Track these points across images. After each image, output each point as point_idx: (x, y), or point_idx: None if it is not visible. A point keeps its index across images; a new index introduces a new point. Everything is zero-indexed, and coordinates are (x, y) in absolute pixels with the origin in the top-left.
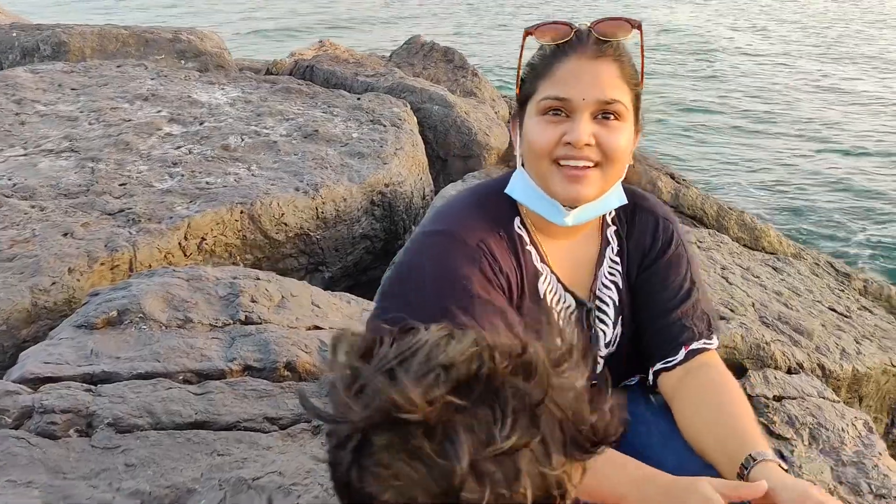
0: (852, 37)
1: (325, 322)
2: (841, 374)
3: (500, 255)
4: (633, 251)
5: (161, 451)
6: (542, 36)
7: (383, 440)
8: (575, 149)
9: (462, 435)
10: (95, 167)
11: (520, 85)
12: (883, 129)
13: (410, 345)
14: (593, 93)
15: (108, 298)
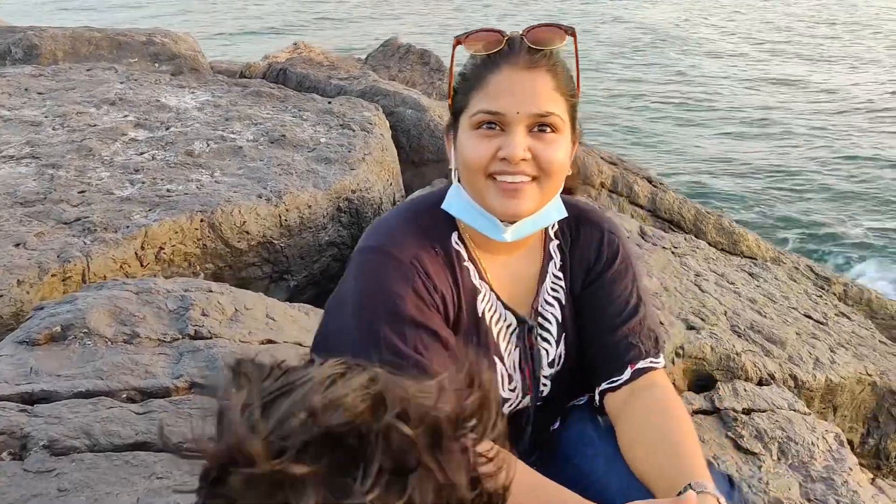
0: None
1: (280, 336)
2: (814, 385)
3: (434, 272)
4: (577, 266)
5: (97, 474)
6: (472, 45)
7: (235, 481)
8: (510, 164)
9: (310, 490)
10: (55, 174)
11: (452, 96)
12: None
13: (292, 381)
14: (527, 106)
15: (52, 313)
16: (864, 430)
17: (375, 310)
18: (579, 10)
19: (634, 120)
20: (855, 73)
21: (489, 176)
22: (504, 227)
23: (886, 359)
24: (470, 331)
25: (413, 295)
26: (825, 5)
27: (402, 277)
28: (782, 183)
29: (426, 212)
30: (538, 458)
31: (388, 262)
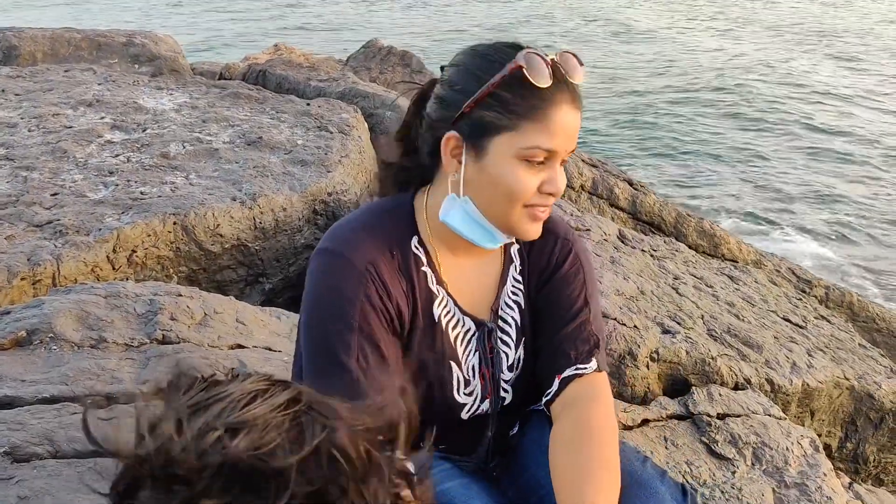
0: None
1: (250, 340)
2: (791, 390)
3: (389, 278)
4: (533, 269)
5: (58, 482)
6: (534, 75)
7: (145, 494)
8: (551, 197)
9: None
10: (28, 176)
11: (474, 106)
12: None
13: (211, 395)
14: (572, 144)
15: (17, 318)
16: (842, 434)
17: (323, 315)
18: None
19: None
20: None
21: (525, 206)
22: (501, 237)
23: (865, 362)
24: (426, 335)
25: (364, 302)
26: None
27: (356, 283)
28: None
29: (386, 214)
30: (497, 464)
31: (342, 267)
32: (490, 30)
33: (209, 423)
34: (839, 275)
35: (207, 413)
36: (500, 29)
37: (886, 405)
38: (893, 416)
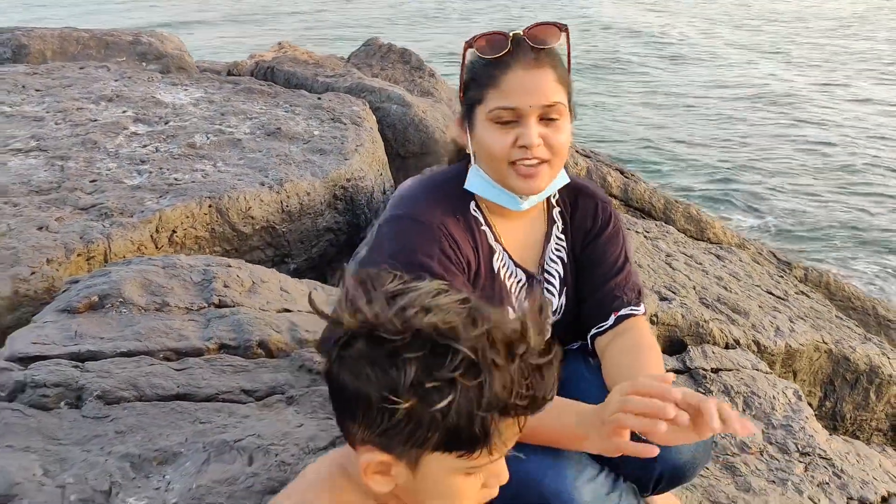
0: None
1: (294, 306)
2: (775, 350)
3: (458, 235)
4: (577, 230)
5: (147, 419)
6: (482, 49)
7: (360, 345)
8: (528, 151)
9: (411, 364)
10: (65, 165)
11: (463, 90)
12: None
13: (409, 287)
14: (537, 99)
15: (88, 285)
16: (821, 393)
17: (408, 269)
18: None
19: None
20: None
21: (510, 163)
22: (521, 199)
23: (841, 330)
24: (487, 285)
25: (440, 254)
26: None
27: (431, 240)
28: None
29: (446, 184)
30: None
31: (417, 227)
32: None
33: (410, 302)
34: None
35: (406, 297)
36: None
37: (861, 367)
38: (867, 377)
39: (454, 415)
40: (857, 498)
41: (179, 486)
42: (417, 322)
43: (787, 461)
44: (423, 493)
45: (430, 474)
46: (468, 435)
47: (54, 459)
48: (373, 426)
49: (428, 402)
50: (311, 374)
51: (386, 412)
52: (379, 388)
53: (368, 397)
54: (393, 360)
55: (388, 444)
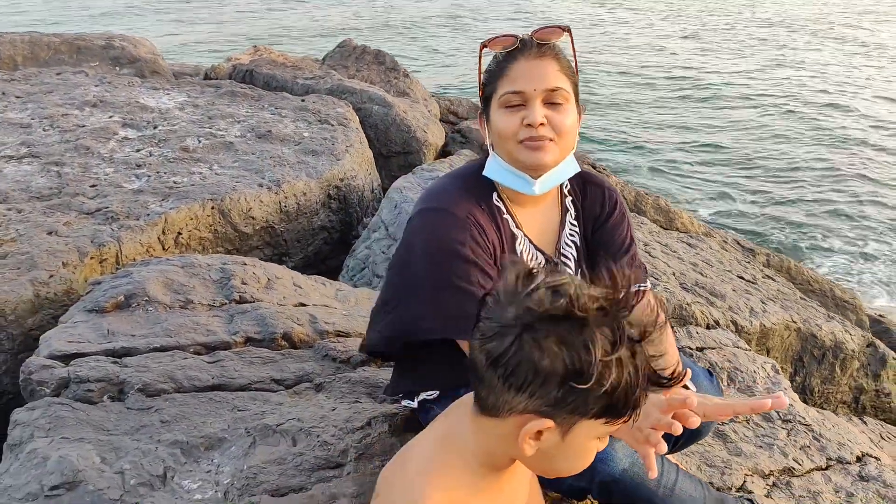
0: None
1: (309, 300)
2: (751, 329)
3: (484, 224)
4: (587, 216)
5: (189, 409)
6: (494, 47)
7: (548, 327)
8: (533, 129)
9: (598, 341)
10: (61, 171)
11: (482, 87)
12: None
13: (565, 277)
14: (541, 84)
15: (113, 285)
16: (792, 369)
17: (442, 255)
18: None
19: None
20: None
21: (519, 142)
22: (533, 181)
23: (807, 310)
24: None
25: (471, 241)
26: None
27: (460, 228)
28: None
29: (470, 177)
30: None
31: (447, 217)
32: None
33: (578, 290)
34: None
35: (571, 284)
36: None
37: (826, 343)
38: (832, 352)
39: (622, 389)
40: (835, 458)
41: (230, 469)
42: (593, 304)
43: (771, 428)
44: (560, 456)
45: (575, 439)
46: (624, 406)
47: (109, 448)
48: (545, 397)
49: (605, 377)
50: (336, 362)
51: (567, 386)
52: (568, 364)
53: (553, 372)
54: (583, 340)
55: (552, 413)
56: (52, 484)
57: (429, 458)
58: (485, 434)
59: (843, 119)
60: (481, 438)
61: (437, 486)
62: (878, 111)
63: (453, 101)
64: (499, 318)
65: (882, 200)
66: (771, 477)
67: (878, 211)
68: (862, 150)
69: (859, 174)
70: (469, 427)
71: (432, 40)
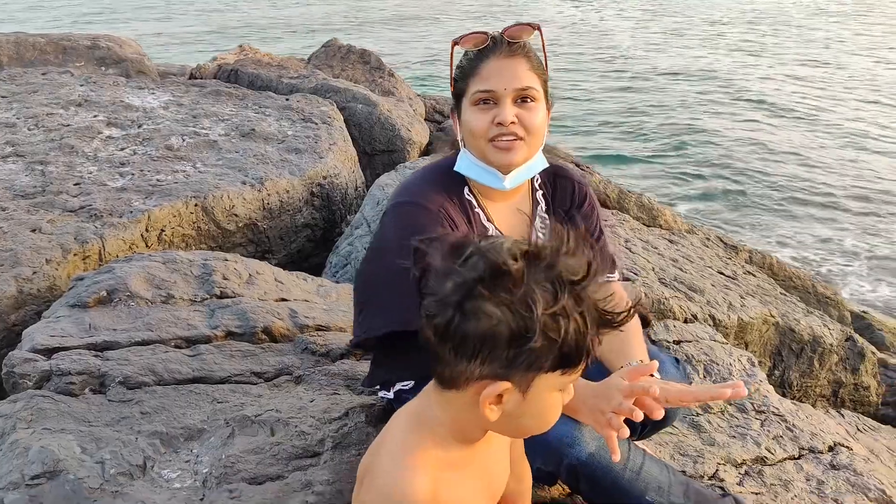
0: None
1: (290, 295)
2: (728, 323)
3: (456, 217)
4: (558, 208)
5: (169, 401)
6: (466, 44)
7: (486, 291)
8: (504, 127)
9: (538, 295)
10: (45, 170)
11: (453, 84)
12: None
13: (495, 239)
14: (512, 83)
15: (95, 281)
16: (770, 363)
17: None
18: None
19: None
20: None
21: (489, 140)
22: (503, 177)
23: (786, 304)
24: None
25: (442, 233)
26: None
27: (433, 221)
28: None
29: (441, 173)
30: None
31: (419, 211)
32: None
33: (512, 246)
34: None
35: (503, 245)
36: None
37: (805, 337)
38: (810, 346)
39: (571, 338)
40: (807, 447)
41: (209, 458)
42: (533, 254)
43: (745, 419)
44: (526, 414)
45: (536, 395)
46: (577, 354)
47: (89, 439)
48: (497, 360)
49: (552, 330)
50: (315, 355)
51: (516, 345)
52: (512, 324)
53: (499, 335)
54: (522, 297)
55: (507, 374)
56: (33, 473)
57: (404, 441)
58: (451, 408)
59: (827, 115)
60: (449, 413)
61: (417, 467)
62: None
63: (438, 100)
64: (439, 293)
65: (863, 194)
66: (743, 466)
67: (860, 206)
68: (843, 142)
69: (836, 169)
70: (436, 404)
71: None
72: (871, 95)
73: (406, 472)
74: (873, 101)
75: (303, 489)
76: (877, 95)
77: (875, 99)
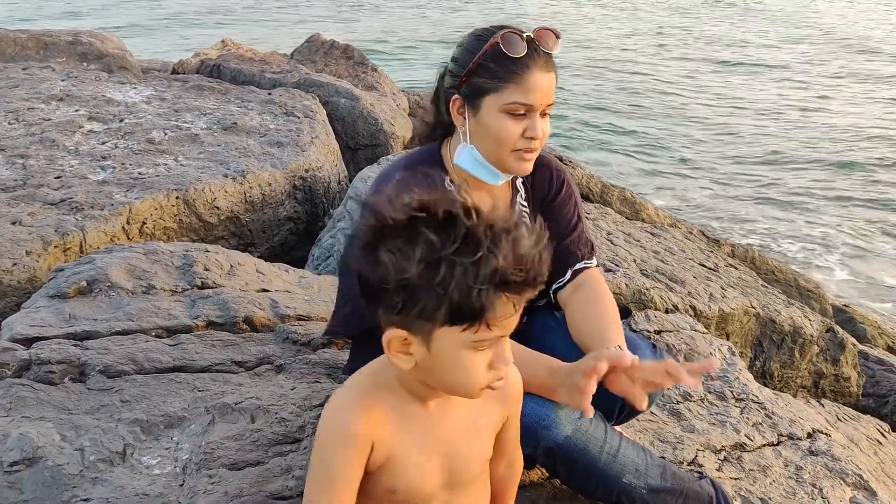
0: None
1: (271, 286)
2: (709, 314)
3: None
4: (536, 196)
5: (149, 389)
6: (508, 47)
7: (382, 240)
8: (533, 141)
9: (418, 244)
10: (26, 163)
11: (469, 74)
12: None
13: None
14: (548, 99)
15: (75, 271)
16: (751, 354)
17: None
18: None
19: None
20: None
21: (514, 150)
22: (501, 175)
23: (767, 296)
24: None
25: None
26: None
27: None
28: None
29: (420, 163)
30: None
31: None
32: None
33: (416, 196)
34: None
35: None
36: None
37: (785, 328)
38: (791, 337)
39: (455, 288)
40: (786, 434)
41: (189, 445)
42: (423, 207)
43: (724, 406)
44: (439, 368)
45: (442, 349)
46: (469, 308)
47: (69, 427)
48: (391, 307)
49: (432, 276)
50: (296, 345)
51: (398, 290)
52: (392, 270)
53: (386, 280)
54: (405, 245)
55: (405, 322)
56: (11, 460)
57: (359, 383)
58: (386, 374)
59: (810, 113)
60: (392, 367)
61: (359, 403)
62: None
63: (423, 94)
64: (359, 245)
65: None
66: (722, 452)
67: (840, 203)
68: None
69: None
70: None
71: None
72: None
73: (341, 408)
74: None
75: (283, 474)
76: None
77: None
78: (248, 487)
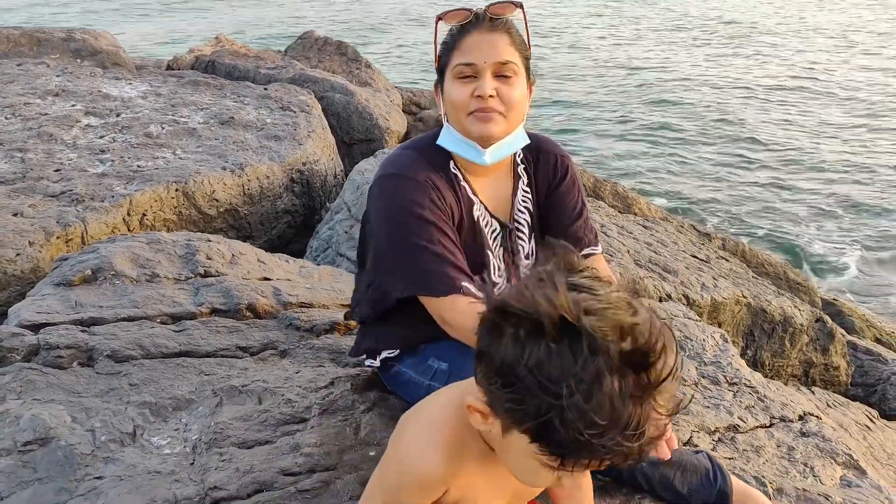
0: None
1: (273, 275)
2: (702, 303)
3: (442, 188)
4: (541, 183)
5: (157, 373)
6: (450, 20)
7: (506, 322)
8: (483, 100)
9: (540, 349)
10: (25, 157)
11: (437, 59)
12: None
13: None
14: (492, 56)
15: (80, 260)
16: (743, 343)
17: (401, 216)
18: None
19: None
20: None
21: (469, 113)
22: (483, 151)
23: (758, 287)
24: (469, 231)
25: (429, 202)
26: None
27: (420, 191)
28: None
29: (426, 147)
30: None
31: (407, 182)
32: None
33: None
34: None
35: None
36: None
37: (776, 318)
38: (781, 326)
39: (557, 423)
40: (778, 417)
41: (198, 426)
42: (567, 312)
43: (718, 390)
44: (506, 453)
45: (514, 445)
46: (558, 445)
47: (79, 409)
48: (487, 379)
49: (544, 394)
50: (299, 331)
51: (498, 382)
52: (505, 357)
53: (494, 356)
54: (536, 342)
55: (492, 402)
56: (25, 440)
57: (439, 414)
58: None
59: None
60: None
61: (439, 445)
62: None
63: (416, 92)
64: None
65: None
66: (716, 433)
67: (825, 197)
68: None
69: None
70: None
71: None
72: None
73: (428, 446)
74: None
75: (291, 451)
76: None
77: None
78: (258, 464)
